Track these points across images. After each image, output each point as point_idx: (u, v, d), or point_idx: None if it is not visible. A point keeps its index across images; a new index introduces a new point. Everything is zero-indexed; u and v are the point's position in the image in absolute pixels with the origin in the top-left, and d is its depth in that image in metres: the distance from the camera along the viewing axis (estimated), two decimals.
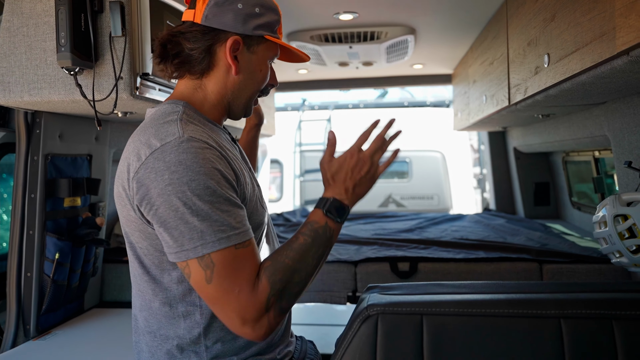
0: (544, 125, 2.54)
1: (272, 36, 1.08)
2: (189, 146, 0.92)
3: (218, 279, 0.90)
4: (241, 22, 1.04)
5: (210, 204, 0.90)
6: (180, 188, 0.89)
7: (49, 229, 1.71)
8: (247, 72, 1.08)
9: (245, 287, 0.91)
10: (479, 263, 1.98)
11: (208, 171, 0.92)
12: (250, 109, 1.15)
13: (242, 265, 0.92)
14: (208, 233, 0.89)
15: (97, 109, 1.43)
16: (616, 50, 1.03)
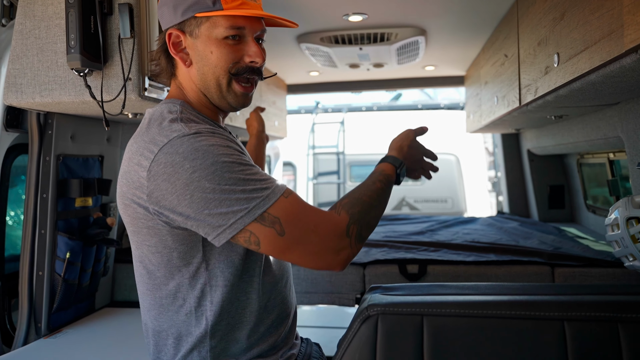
0: (557, 127, 2.50)
1: (204, 11, 1.00)
2: (198, 137, 0.94)
3: (289, 227, 0.94)
4: (172, 12, 1.04)
5: (242, 172, 0.93)
6: (207, 171, 0.91)
7: (61, 228, 1.73)
8: (199, 59, 1.04)
9: (322, 218, 0.97)
10: (490, 266, 1.96)
11: (224, 150, 0.94)
12: (232, 95, 1.07)
13: (302, 207, 0.96)
14: (255, 194, 0.92)
15: (106, 109, 1.45)
16: (624, 48, 1.01)
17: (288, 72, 3.37)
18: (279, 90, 3.48)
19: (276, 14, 1.07)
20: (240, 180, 0.92)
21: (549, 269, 1.92)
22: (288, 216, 0.94)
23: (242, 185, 0.92)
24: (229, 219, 0.92)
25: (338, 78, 3.55)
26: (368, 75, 3.42)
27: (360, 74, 3.35)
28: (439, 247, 2.25)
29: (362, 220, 1.02)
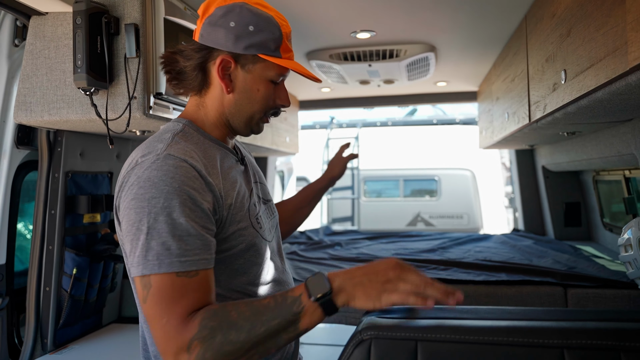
0: (571, 143, 2.45)
1: (267, 55, 1.04)
2: (163, 163, 0.92)
3: (151, 302, 0.87)
4: (232, 40, 1.02)
5: (165, 225, 0.89)
6: (141, 204, 0.90)
7: (68, 244, 1.75)
8: (243, 92, 1.07)
9: (174, 319, 0.86)
10: (500, 286, 1.91)
11: (173, 190, 0.90)
12: (257, 127, 1.13)
13: (179, 295, 0.87)
14: (152, 254, 0.88)
15: (111, 127, 1.47)
16: (628, 65, 0.98)
17: (300, 88, 3.38)
18: (291, 107, 3.50)
19: None
20: (153, 232, 0.88)
21: (561, 290, 1.86)
22: (158, 293, 0.87)
23: (150, 238, 0.88)
24: (128, 262, 0.92)
25: (349, 94, 3.55)
26: (380, 91, 3.42)
27: (372, 90, 3.36)
28: (449, 266, 2.21)
29: (212, 340, 0.85)
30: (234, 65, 1.05)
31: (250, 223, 1.06)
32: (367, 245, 2.97)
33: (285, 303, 0.89)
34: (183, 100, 1.61)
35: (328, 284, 0.89)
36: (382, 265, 0.91)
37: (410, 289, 0.88)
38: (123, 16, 1.44)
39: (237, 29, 1.02)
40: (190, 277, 0.89)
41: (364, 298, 0.88)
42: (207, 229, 0.94)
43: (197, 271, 0.90)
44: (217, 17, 1.03)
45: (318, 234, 3.51)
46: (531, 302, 1.86)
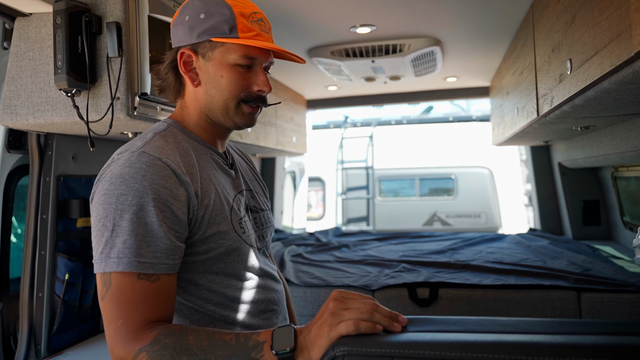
0: (587, 138, 2.33)
1: (220, 37, 1.01)
2: (136, 160, 0.92)
3: (109, 301, 0.86)
4: (187, 32, 1.03)
5: (130, 223, 0.88)
6: (109, 199, 0.89)
7: (61, 249, 1.72)
8: (209, 81, 1.05)
9: (129, 324, 0.85)
10: (508, 290, 1.81)
11: (142, 187, 0.89)
12: (239, 117, 1.06)
13: (139, 299, 0.86)
14: (114, 252, 0.87)
15: (95, 129, 1.43)
16: (633, 50, 0.89)
17: (306, 88, 3.32)
18: (297, 106, 3.44)
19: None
20: (118, 229, 0.88)
21: (574, 294, 1.76)
22: (117, 293, 0.86)
23: (114, 235, 0.88)
24: (94, 257, 0.91)
25: (357, 92, 3.47)
26: (388, 88, 3.33)
27: (380, 87, 3.27)
28: (457, 269, 2.12)
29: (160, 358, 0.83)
30: (194, 56, 1.04)
31: (232, 227, 1.03)
32: (375, 246, 2.89)
33: (246, 345, 0.85)
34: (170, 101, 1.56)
35: (293, 342, 0.84)
36: (324, 305, 0.86)
37: (355, 315, 0.82)
38: (105, 15, 1.40)
39: (190, 21, 1.03)
40: (152, 281, 0.88)
41: (317, 345, 0.82)
42: (175, 232, 0.92)
43: (159, 276, 0.88)
44: (177, 17, 1.06)
45: (327, 235, 3.44)
46: (542, 307, 1.76)
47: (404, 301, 1.86)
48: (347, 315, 0.82)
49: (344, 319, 0.81)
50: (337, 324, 0.81)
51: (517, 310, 1.77)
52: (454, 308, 1.82)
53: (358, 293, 0.87)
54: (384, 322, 0.81)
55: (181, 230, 0.93)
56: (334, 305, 0.84)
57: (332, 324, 0.81)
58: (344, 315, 0.82)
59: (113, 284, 0.86)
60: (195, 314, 1.01)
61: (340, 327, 0.80)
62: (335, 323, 0.81)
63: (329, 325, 0.81)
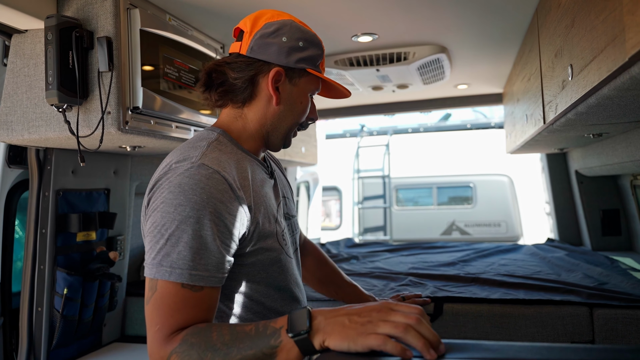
0: (602, 145, 2.24)
1: (314, 69, 1.11)
2: (196, 172, 0.95)
3: (152, 306, 0.90)
4: (285, 54, 1.08)
5: (186, 234, 0.91)
6: (168, 208, 0.92)
7: (60, 263, 1.72)
8: (288, 103, 1.12)
9: (165, 329, 0.89)
10: (517, 305, 1.74)
11: (201, 200, 0.92)
12: (289, 140, 1.18)
13: (178, 307, 0.90)
14: (167, 261, 0.90)
15: (89, 144, 1.43)
16: (627, 55, 0.83)
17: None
18: None
19: None
20: (173, 239, 0.91)
21: (587, 310, 1.67)
22: (161, 299, 0.90)
23: (169, 244, 0.91)
24: (146, 260, 0.95)
25: (368, 101, 3.43)
26: (400, 96, 3.28)
27: (391, 96, 3.22)
28: (465, 282, 2.04)
29: (188, 357, 0.85)
30: (284, 77, 1.10)
31: (276, 239, 1.09)
32: (385, 258, 2.83)
33: (264, 333, 0.86)
34: (166, 114, 1.55)
35: (308, 322, 0.83)
36: (370, 306, 0.83)
37: (389, 331, 0.77)
38: (97, 30, 1.40)
39: (289, 44, 1.08)
40: (194, 291, 0.91)
41: (339, 338, 0.79)
42: (227, 246, 0.96)
43: (202, 287, 0.92)
44: (269, 32, 1.09)
45: (338, 246, 3.39)
46: (552, 323, 1.67)
47: None
48: (381, 328, 0.78)
49: (377, 331, 0.78)
50: (368, 334, 0.78)
51: (525, 327, 1.69)
52: (460, 324, 1.75)
53: (406, 304, 0.83)
54: (418, 345, 0.76)
55: (232, 245, 0.97)
56: (377, 315, 0.80)
57: (364, 332, 0.78)
58: (379, 327, 0.78)
59: (159, 290, 0.90)
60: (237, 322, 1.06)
61: (370, 340, 0.77)
62: (367, 332, 0.78)
63: (360, 332, 0.78)
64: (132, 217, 2.16)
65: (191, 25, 1.78)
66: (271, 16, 1.11)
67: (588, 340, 1.66)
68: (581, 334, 1.66)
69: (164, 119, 1.56)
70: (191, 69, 1.70)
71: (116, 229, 2.01)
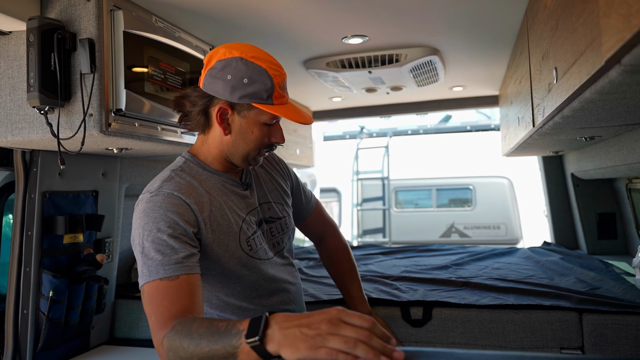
0: (596, 148, 2.22)
1: (259, 103, 1.20)
2: (155, 199, 1.15)
3: (145, 303, 1.07)
4: (229, 91, 1.19)
5: (152, 243, 1.10)
6: (140, 232, 1.13)
7: (46, 266, 1.72)
8: (239, 134, 1.24)
9: (156, 317, 1.03)
10: (506, 310, 1.72)
11: (159, 216, 1.13)
12: (254, 161, 1.29)
13: (163, 297, 1.05)
14: (145, 268, 1.09)
15: (71, 147, 1.42)
16: (603, 58, 0.82)
17: (311, 99, 3.29)
18: None
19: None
20: (146, 251, 1.10)
21: (576, 316, 1.65)
22: (148, 297, 1.07)
23: (144, 257, 1.10)
24: (139, 273, 1.12)
25: (363, 103, 3.42)
26: (396, 98, 3.27)
27: (388, 98, 3.21)
28: (456, 286, 2.03)
29: (174, 343, 0.97)
30: (230, 111, 1.22)
31: (239, 246, 1.24)
32: (378, 261, 2.81)
33: (230, 332, 0.92)
34: (151, 117, 1.55)
35: (261, 331, 0.87)
36: (319, 316, 0.84)
37: (339, 345, 0.79)
38: (80, 31, 1.39)
39: (232, 82, 1.19)
40: (171, 280, 1.06)
41: (290, 351, 0.82)
42: (189, 244, 1.13)
43: (178, 276, 1.07)
44: (217, 70, 1.20)
45: None
46: (541, 328, 1.66)
47: (396, 321, 1.78)
48: (330, 343, 0.79)
49: (327, 345, 0.79)
50: (317, 347, 0.80)
51: (514, 332, 1.67)
52: (448, 329, 1.73)
53: (358, 314, 0.83)
54: (369, 357, 0.77)
55: (194, 244, 1.15)
56: (326, 327, 0.81)
57: (314, 345, 0.80)
58: (328, 341, 0.80)
59: (146, 291, 1.07)
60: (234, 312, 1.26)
61: (320, 353, 0.79)
62: (317, 345, 0.80)
63: (310, 346, 0.80)
64: (123, 220, 2.15)
65: (179, 27, 1.78)
66: (222, 54, 1.21)
67: (577, 346, 1.64)
68: (570, 340, 1.64)
69: (149, 121, 1.56)
70: (178, 70, 1.69)
71: (105, 231, 2.00)
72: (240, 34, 1.92)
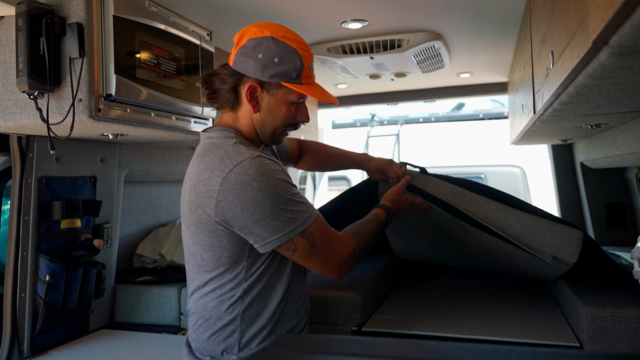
0: (604, 137, 2.15)
1: (289, 82, 1.26)
2: (261, 162, 1.20)
3: (319, 241, 1.24)
4: (260, 69, 1.25)
5: (293, 196, 1.22)
6: (270, 191, 1.18)
7: (43, 250, 1.73)
8: (267, 112, 1.30)
9: (338, 241, 1.30)
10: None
11: (280, 176, 1.22)
12: (278, 139, 1.37)
13: (327, 227, 1.29)
14: (300, 214, 1.22)
15: (61, 132, 1.42)
16: (589, 39, 0.78)
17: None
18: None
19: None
20: (291, 202, 1.21)
21: (575, 308, 1.61)
22: (320, 232, 1.26)
23: (292, 205, 1.21)
24: (277, 232, 1.20)
25: (370, 90, 3.37)
26: (402, 85, 3.22)
27: (394, 85, 3.16)
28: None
29: (363, 247, 1.36)
30: (260, 89, 1.28)
31: None
32: None
33: (381, 223, 1.48)
34: (143, 102, 1.54)
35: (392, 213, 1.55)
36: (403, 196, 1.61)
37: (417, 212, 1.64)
38: (69, 16, 1.38)
39: (264, 60, 1.24)
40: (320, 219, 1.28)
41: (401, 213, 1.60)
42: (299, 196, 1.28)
43: (317, 216, 1.27)
44: (248, 49, 1.26)
45: None
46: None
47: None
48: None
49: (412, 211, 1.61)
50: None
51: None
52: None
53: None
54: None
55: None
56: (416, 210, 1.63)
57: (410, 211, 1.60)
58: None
59: (314, 231, 1.24)
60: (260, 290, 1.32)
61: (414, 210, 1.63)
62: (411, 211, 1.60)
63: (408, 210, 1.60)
64: (122, 205, 2.16)
65: (174, 12, 1.76)
66: (254, 33, 1.26)
67: (576, 339, 1.60)
68: (569, 333, 1.60)
69: (141, 107, 1.55)
70: (172, 56, 1.67)
71: (103, 217, 2.01)
72: (237, 19, 1.89)
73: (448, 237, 1.85)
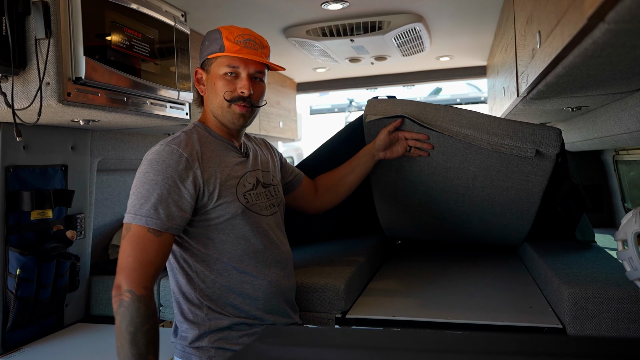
0: (583, 119, 2.17)
1: (211, 54, 1.37)
2: (161, 150, 1.28)
3: (126, 240, 1.23)
4: (199, 58, 1.44)
5: (151, 191, 1.24)
6: (140, 175, 1.27)
7: (13, 243, 1.65)
8: (209, 89, 1.40)
9: (137, 262, 1.20)
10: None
11: (162, 169, 1.25)
12: (232, 115, 1.38)
13: (144, 246, 1.22)
14: (143, 211, 1.23)
15: (28, 118, 1.34)
16: (585, 15, 0.75)
17: (295, 70, 3.19)
18: (285, 90, 3.31)
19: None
20: (145, 193, 1.25)
21: (557, 290, 1.63)
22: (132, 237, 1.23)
23: (140, 197, 1.24)
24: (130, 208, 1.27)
25: (348, 74, 3.33)
26: (381, 69, 3.19)
27: (373, 69, 3.13)
28: None
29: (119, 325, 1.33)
30: (203, 73, 1.42)
31: (236, 198, 1.35)
32: None
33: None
34: (116, 87, 1.46)
35: None
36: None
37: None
38: None
39: (201, 49, 1.42)
40: (157, 235, 1.23)
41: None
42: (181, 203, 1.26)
43: (161, 232, 1.23)
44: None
45: None
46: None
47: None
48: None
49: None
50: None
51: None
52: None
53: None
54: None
55: (185, 204, 1.27)
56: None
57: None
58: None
59: (131, 230, 1.22)
60: (215, 263, 1.34)
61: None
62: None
63: None
64: (95, 195, 2.08)
65: None
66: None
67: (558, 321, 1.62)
68: (551, 315, 1.62)
69: (114, 91, 1.47)
70: (145, 37, 1.60)
71: (76, 207, 1.93)
72: (214, 0, 1.82)
73: (437, 202, 1.92)
